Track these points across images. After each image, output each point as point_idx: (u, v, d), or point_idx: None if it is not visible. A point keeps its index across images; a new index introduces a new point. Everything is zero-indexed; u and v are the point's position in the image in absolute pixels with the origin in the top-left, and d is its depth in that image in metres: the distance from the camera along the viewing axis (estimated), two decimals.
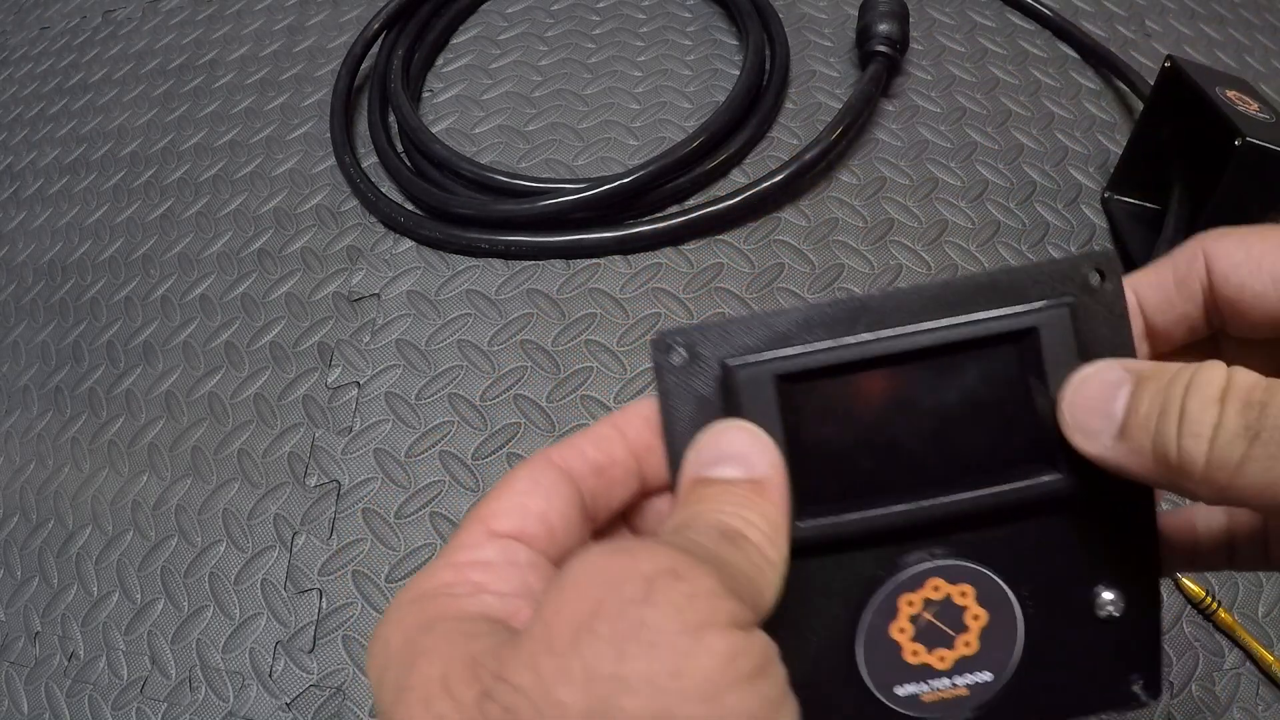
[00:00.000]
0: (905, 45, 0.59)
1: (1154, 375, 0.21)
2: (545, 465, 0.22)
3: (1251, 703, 0.42)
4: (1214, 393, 0.19)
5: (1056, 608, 0.23)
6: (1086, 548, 0.23)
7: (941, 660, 0.22)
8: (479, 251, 0.54)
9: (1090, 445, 0.21)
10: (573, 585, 0.18)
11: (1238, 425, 0.19)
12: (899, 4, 0.58)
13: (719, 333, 0.22)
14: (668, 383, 0.22)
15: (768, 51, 0.60)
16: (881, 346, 0.21)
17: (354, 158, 0.58)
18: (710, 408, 0.22)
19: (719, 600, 0.18)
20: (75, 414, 0.53)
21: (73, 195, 0.62)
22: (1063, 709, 0.23)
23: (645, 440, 0.23)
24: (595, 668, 0.16)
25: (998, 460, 0.22)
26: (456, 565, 0.21)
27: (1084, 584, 0.23)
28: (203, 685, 0.45)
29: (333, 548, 0.47)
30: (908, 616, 0.22)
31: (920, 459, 0.22)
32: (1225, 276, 0.22)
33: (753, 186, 0.53)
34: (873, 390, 0.22)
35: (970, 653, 0.22)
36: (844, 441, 0.22)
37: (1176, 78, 0.48)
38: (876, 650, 0.22)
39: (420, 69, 0.62)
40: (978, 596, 0.22)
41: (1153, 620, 0.23)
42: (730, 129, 0.56)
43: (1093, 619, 0.23)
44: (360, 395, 0.51)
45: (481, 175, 0.55)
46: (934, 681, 0.23)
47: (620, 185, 0.52)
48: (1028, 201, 0.55)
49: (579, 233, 0.53)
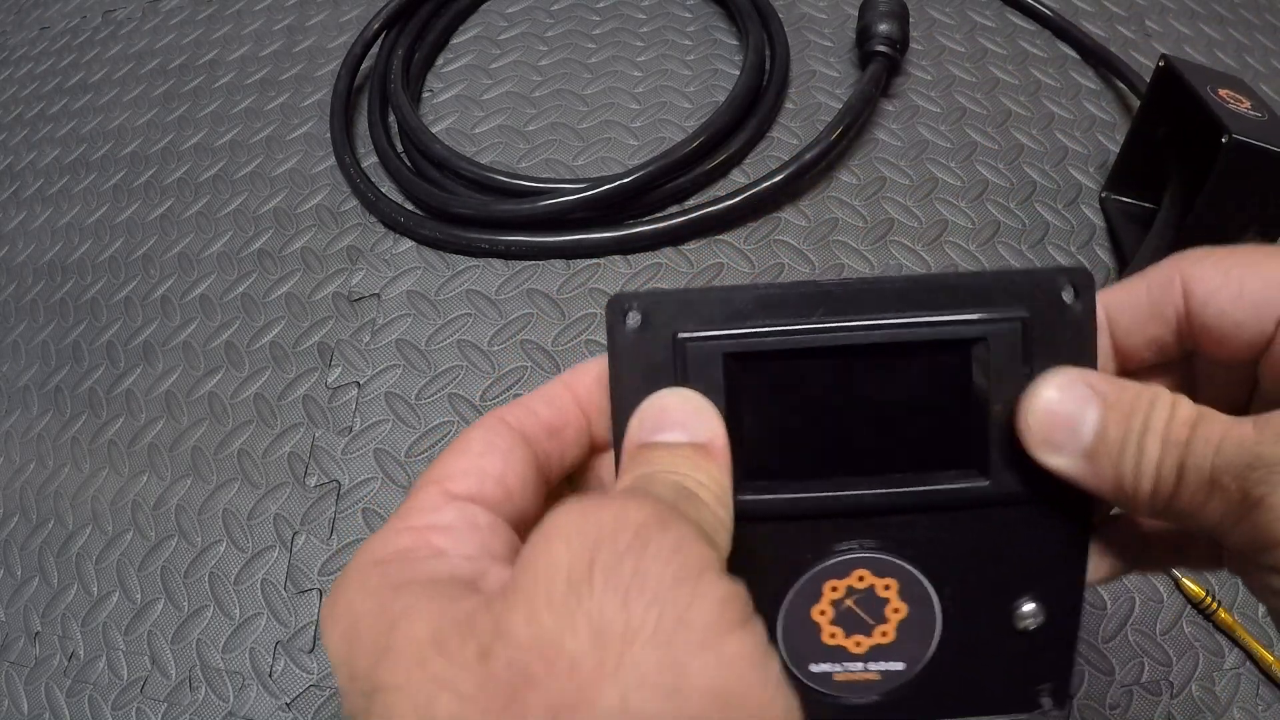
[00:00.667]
0: (905, 45, 0.58)
1: (1118, 403, 0.21)
2: (500, 426, 0.22)
3: (1251, 703, 0.42)
4: (1160, 428, 0.20)
5: (976, 613, 0.23)
6: (1014, 559, 0.23)
7: (857, 645, 0.23)
8: (479, 251, 0.54)
9: (1053, 459, 0.22)
10: (561, 538, 0.18)
11: (1172, 462, 0.20)
12: (899, 4, 0.58)
13: (676, 302, 0.22)
14: (619, 346, 0.22)
15: (768, 51, 0.60)
16: (831, 338, 0.22)
17: (354, 158, 0.58)
18: (658, 376, 0.22)
19: (704, 548, 0.18)
20: (75, 414, 0.53)
21: (73, 195, 0.62)
22: (968, 707, 0.24)
23: (596, 401, 0.23)
24: (600, 619, 0.16)
25: (934, 461, 0.22)
26: (415, 529, 0.20)
27: (1007, 594, 0.23)
28: (203, 685, 0.45)
29: (333, 548, 0.47)
30: (830, 601, 0.23)
31: (860, 449, 0.23)
32: (1204, 303, 0.22)
33: (753, 186, 0.53)
34: (820, 378, 0.22)
35: (886, 642, 0.23)
36: (786, 423, 0.22)
37: (1171, 76, 0.48)
38: (796, 628, 0.23)
39: (420, 69, 0.62)
40: (900, 591, 0.23)
41: (1070, 633, 0.23)
42: (730, 129, 0.56)
43: (1010, 629, 0.23)
44: (360, 395, 0.51)
45: (481, 175, 0.55)
46: (847, 664, 0.23)
47: (620, 185, 0.52)
48: (1028, 201, 0.55)
49: (579, 233, 0.53)
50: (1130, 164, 0.53)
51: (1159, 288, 0.23)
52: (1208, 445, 0.20)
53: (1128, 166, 0.53)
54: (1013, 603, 0.23)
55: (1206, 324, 0.22)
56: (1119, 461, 0.21)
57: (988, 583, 0.23)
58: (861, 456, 0.23)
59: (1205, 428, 0.20)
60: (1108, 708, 0.41)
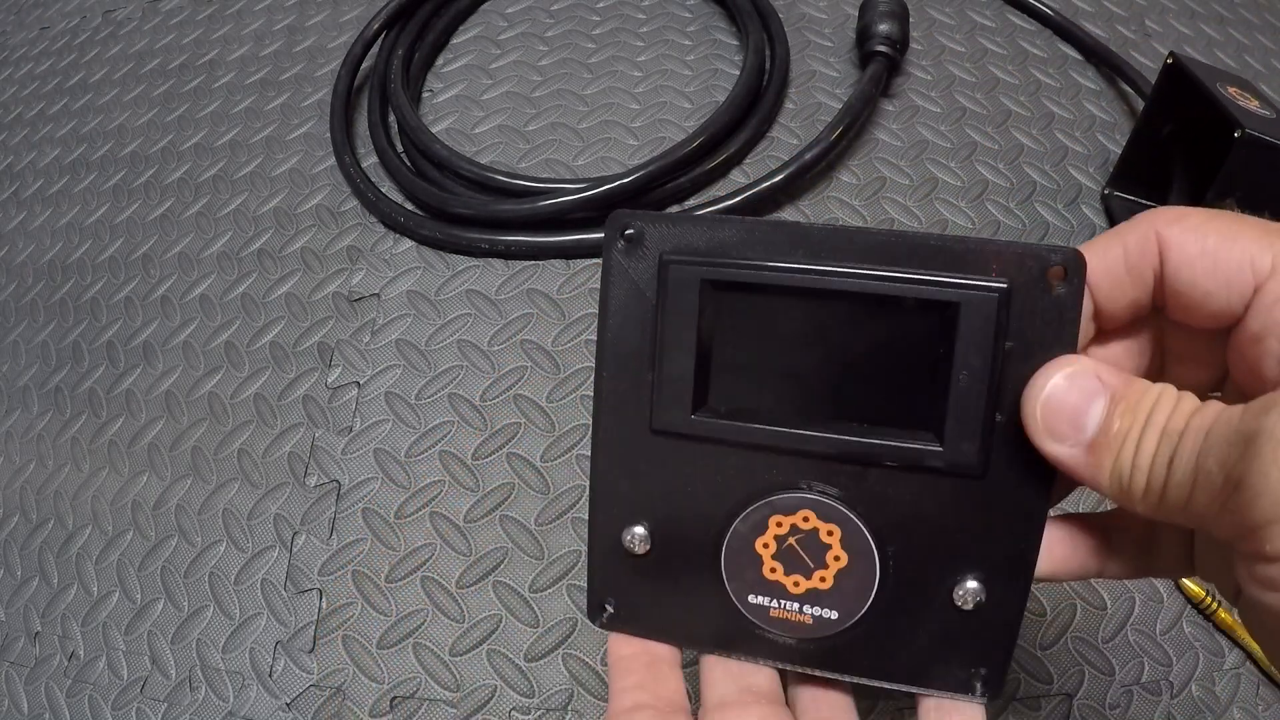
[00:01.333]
0: (905, 45, 0.58)
1: (1125, 395, 0.21)
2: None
3: (1251, 703, 0.42)
4: (1161, 421, 0.20)
5: (916, 580, 0.23)
6: (962, 533, 0.23)
7: (795, 585, 0.24)
8: (479, 251, 0.54)
9: (1053, 447, 0.22)
10: None
11: (1165, 454, 0.20)
12: (899, 4, 0.58)
13: (668, 226, 0.23)
14: (613, 259, 0.23)
15: (768, 51, 0.60)
16: (804, 279, 0.22)
17: (354, 157, 0.58)
18: (642, 292, 0.23)
19: None
20: (75, 414, 0.53)
21: (73, 195, 0.62)
22: (898, 675, 0.24)
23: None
24: None
25: (894, 418, 0.23)
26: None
27: (950, 567, 0.23)
28: (203, 685, 0.45)
29: (333, 548, 0.47)
30: (774, 535, 0.23)
31: (821, 393, 0.23)
32: (1177, 269, 0.22)
33: (753, 186, 0.53)
34: (790, 318, 0.22)
35: (824, 588, 0.23)
36: (753, 357, 0.23)
37: (1179, 73, 0.48)
38: (739, 556, 0.24)
39: (420, 69, 0.62)
40: (843, 540, 0.23)
41: (1011, 619, 0.23)
42: (730, 129, 0.56)
43: (949, 603, 0.23)
44: (360, 395, 0.51)
45: (482, 175, 0.55)
46: (784, 602, 0.24)
47: (620, 185, 0.52)
48: (1028, 201, 0.55)
49: (579, 232, 0.53)
50: (1134, 161, 0.53)
51: (1136, 249, 0.22)
52: (1198, 434, 0.20)
53: (1131, 164, 0.53)
54: (955, 577, 0.23)
55: (1177, 290, 0.22)
56: (1119, 455, 0.21)
57: (932, 552, 0.23)
58: (822, 400, 0.23)
59: (1199, 418, 0.20)
60: (1108, 708, 0.41)
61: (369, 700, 0.43)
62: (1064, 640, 0.43)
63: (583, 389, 0.50)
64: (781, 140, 0.58)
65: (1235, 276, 0.21)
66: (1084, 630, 0.43)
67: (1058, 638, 0.43)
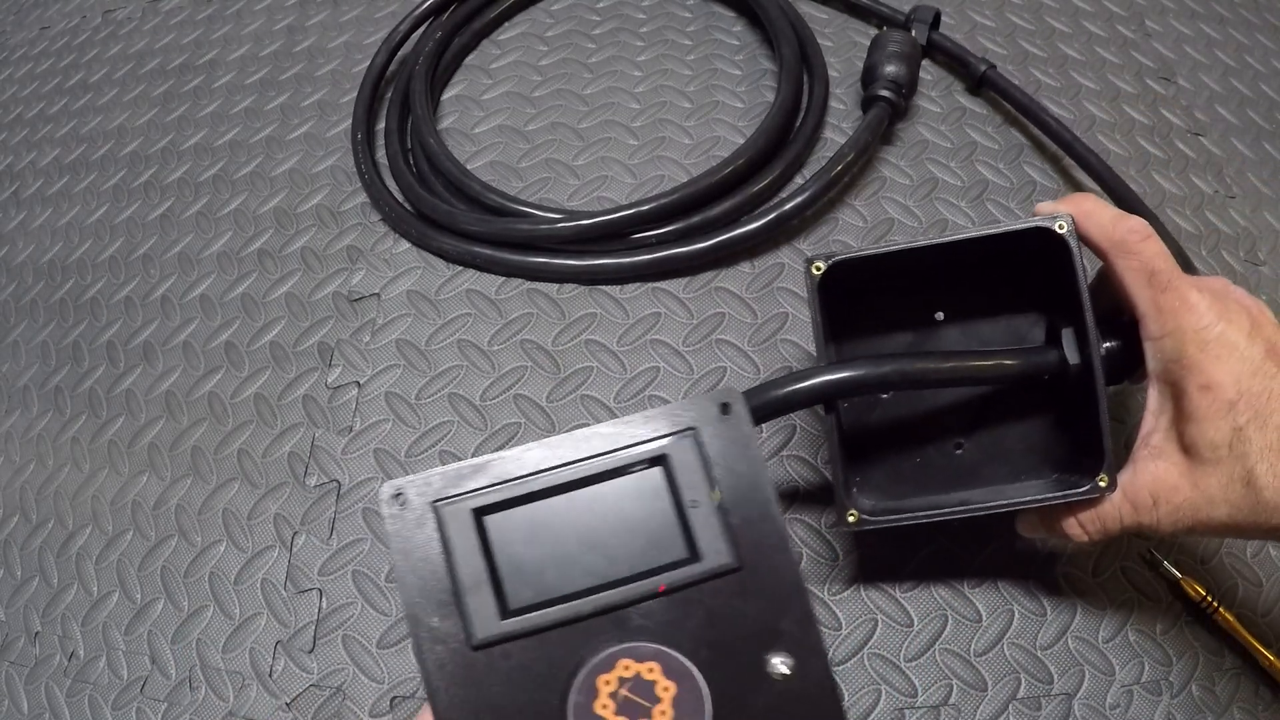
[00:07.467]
0: (912, 90, 0.56)
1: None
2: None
3: (1251, 703, 0.42)
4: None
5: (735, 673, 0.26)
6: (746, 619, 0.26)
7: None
8: (448, 257, 0.54)
9: (1079, 535, 0.37)
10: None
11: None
12: (912, 45, 0.55)
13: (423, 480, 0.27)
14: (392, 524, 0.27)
15: (805, 83, 0.57)
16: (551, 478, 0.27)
17: (370, 156, 0.58)
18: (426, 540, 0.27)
19: None
20: (75, 414, 0.53)
21: (73, 195, 0.62)
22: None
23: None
24: None
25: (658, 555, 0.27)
26: None
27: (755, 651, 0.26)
28: (203, 685, 0.45)
29: (333, 548, 0.47)
30: (607, 694, 0.26)
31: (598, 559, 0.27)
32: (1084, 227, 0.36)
33: (736, 227, 0.52)
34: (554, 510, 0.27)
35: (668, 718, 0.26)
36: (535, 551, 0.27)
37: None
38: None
39: (442, 80, 0.62)
40: (664, 670, 0.26)
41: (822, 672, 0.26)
42: (757, 167, 0.54)
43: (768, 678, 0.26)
44: (360, 395, 0.51)
45: (502, 204, 0.54)
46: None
47: (615, 219, 0.51)
48: (1028, 201, 0.55)
49: (590, 258, 0.52)
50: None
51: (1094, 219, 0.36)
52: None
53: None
54: (763, 655, 0.26)
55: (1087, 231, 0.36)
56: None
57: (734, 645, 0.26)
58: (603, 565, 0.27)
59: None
60: (1108, 708, 0.41)
61: (369, 700, 0.43)
62: (1064, 640, 0.43)
63: (582, 389, 0.50)
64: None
65: (1095, 243, 0.36)
66: (1084, 630, 0.43)
67: (1058, 638, 0.43)
